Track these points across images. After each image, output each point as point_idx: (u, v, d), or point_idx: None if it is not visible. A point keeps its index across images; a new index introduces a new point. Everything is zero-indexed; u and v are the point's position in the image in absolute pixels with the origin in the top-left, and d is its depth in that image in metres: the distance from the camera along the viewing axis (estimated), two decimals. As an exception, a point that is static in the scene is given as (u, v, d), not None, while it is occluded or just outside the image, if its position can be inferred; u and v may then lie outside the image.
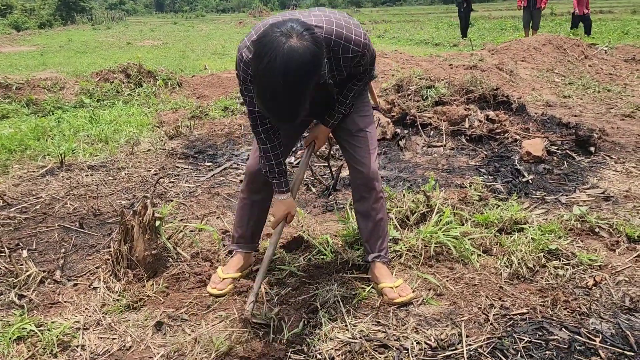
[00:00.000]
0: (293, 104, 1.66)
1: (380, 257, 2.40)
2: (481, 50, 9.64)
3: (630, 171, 3.87)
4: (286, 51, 1.58)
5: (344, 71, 2.04)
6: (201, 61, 11.74)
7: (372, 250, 2.41)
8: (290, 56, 1.57)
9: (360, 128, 2.32)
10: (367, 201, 2.35)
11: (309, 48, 1.61)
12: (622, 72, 8.25)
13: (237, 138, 5.03)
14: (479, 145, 4.56)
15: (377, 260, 2.40)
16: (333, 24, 1.92)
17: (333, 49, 1.94)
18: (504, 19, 24.83)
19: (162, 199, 3.58)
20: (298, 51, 1.58)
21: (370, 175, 2.30)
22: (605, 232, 2.87)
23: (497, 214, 3.00)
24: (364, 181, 2.32)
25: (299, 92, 1.64)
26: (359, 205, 2.39)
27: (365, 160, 2.30)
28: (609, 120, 5.48)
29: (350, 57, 1.98)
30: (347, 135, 2.33)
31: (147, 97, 6.86)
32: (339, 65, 2.01)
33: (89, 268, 2.64)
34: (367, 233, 2.40)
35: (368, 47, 2.03)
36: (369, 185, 2.32)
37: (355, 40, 1.95)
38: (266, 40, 1.62)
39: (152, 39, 21.13)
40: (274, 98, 1.64)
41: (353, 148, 2.32)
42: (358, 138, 2.32)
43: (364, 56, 2.03)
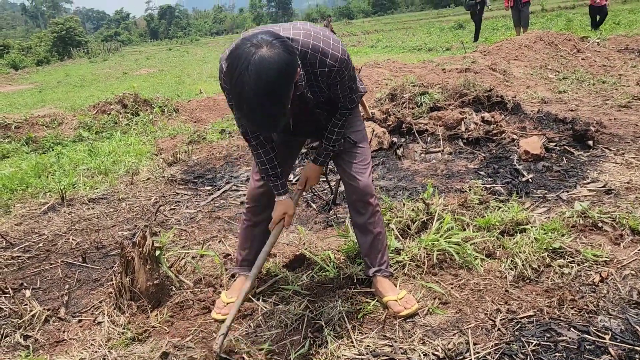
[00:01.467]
0: (269, 112, 1.67)
1: (381, 271, 2.38)
2: (473, 53, 9.66)
3: (630, 162, 3.85)
4: (257, 60, 1.60)
5: (323, 88, 2.03)
6: (197, 85, 11.83)
7: (372, 265, 2.40)
8: (260, 64, 1.59)
9: (353, 144, 2.32)
10: (364, 216, 2.34)
11: (280, 55, 1.62)
12: (615, 63, 8.24)
13: (236, 160, 5.04)
14: (476, 147, 4.55)
15: (378, 275, 2.38)
16: (310, 37, 1.92)
17: (310, 61, 1.92)
18: (495, 19, 24.92)
19: (164, 226, 3.58)
20: (268, 59, 1.60)
21: (366, 190, 2.29)
22: (608, 226, 2.85)
23: (499, 216, 2.98)
24: (359, 196, 2.31)
25: (273, 99, 1.64)
26: (356, 221, 2.39)
27: (359, 175, 2.29)
28: (606, 112, 5.46)
29: (326, 71, 1.95)
30: (340, 152, 2.33)
31: (145, 126, 6.90)
32: (317, 81, 1.98)
33: (93, 303, 2.63)
34: (366, 248, 2.39)
35: (346, 64, 1.98)
36: (365, 200, 2.31)
37: (332, 55, 1.93)
38: (237, 53, 1.64)
39: (148, 67, 21.33)
40: (249, 107, 1.65)
41: (347, 164, 2.32)
42: (351, 154, 2.32)
43: (340, 72, 1.98)
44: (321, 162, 2.33)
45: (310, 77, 1.97)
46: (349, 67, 2.03)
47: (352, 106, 2.21)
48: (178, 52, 34.22)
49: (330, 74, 1.97)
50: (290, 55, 1.66)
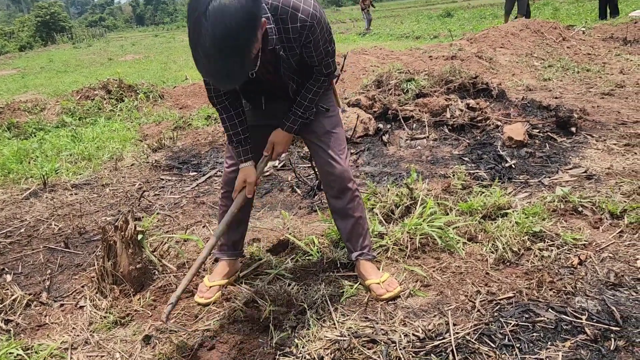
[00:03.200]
0: (226, 64, 1.58)
1: (363, 255, 2.38)
2: (460, 40, 9.68)
3: (612, 148, 3.90)
4: (215, 6, 1.50)
5: (295, 49, 1.96)
6: (183, 72, 11.72)
7: (354, 249, 2.39)
8: (219, 11, 1.50)
9: (327, 130, 2.28)
10: (342, 201, 2.32)
11: (241, 2, 1.52)
12: (600, 52, 8.30)
13: (221, 146, 5.01)
14: (461, 134, 4.57)
15: (361, 258, 2.38)
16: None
17: (281, 16, 1.86)
18: (483, 8, 24.93)
19: (148, 212, 3.57)
20: (229, 5, 1.50)
21: (343, 175, 2.27)
22: (588, 211, 2.89)
23: (481, 200, 3.01)
24: (337, 182, 2.28)
25: (231, 49, 1.54)
26: (334, 206, 2.36)
27: (335, 161, 2.25)
28: (589, 99, 5.51)
29: (298, 27, 1.87)
30: (314, 138, 2.28)
31: (129, 112, 6.83)
32: (289, 39, 1.92)
33: (75, 287, 2.62)
34: (347, 232, 2.37)
35: (318, 20, 1.91)
36: (342, 185, 2.29)
37: (304, 9, 1.86)
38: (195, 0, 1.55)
39: (134, 53, 21.07)
40: (206, 57, 1.56)
41: (322, 150, 2.27)
42: (326, 140, 2.27)
43: (312, 29, 1.91)
44: (288, 128, 2.20)
45: (282, 34, 1.90)
46: (322, 25, 1.95)
47: (328, 71, 2.14)
48: (164, 38, 33.83)
49: (303, 30, 1.89)
50: (253, 2, 1.56)
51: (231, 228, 2.44)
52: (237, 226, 2.48)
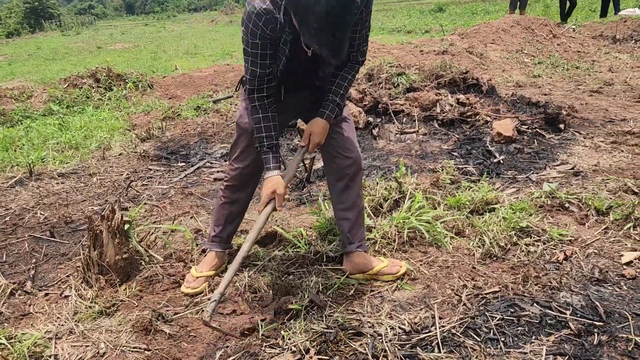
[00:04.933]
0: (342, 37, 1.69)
1: (362, 246, 2.38)
2: (451, 35, 9.68)
3: (599, 145, 3.93)
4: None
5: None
6: (173, 62, 11.61)
7: (353, 241, 2.37)
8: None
9: (344, 117, 2.31)
10: (353, 189, 2.33)
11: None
12: (589, 49, 8.35)
13: (210, 137, 4.98)
14: (450, 129, 4.59)
15: (359, 250, 2.38)
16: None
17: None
18: (475, 3, 24.95)
19: (135, 202, 3.54)
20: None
21: (358, 160, 2.30)
22: (574, 207, 2.91)
23: (469, 195, 3.02)
24: (352, 168, 2.29)
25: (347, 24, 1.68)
26: (343, 195, 2.34)
27: (353, 147, 2.29)
28: (578, 96, 5.55)
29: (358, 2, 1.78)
30: (332, 125, 2.26)
31: (118, 101, 6.76)
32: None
33: (60, 277, 2.60)
34: (352, 223, 2.36)
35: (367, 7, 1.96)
36: (357, 170, 2.30)
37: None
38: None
39: (123, 42, 20.83)
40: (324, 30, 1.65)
41: (340, 137, 2.28)
42: (344, 126, 2.30)
43: (368, 6, 1.97)
44: (327, 116, 2.17)
45: None
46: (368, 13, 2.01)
47: (362, 58, 2.18)
48: (154, 27, 33.48)
49: (361, 5, 1.87)
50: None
51: (228, 222, 2.47)
52: (233, 220, 2.50)
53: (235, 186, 2.41)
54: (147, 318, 2.11)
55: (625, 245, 2.49)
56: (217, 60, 11.38)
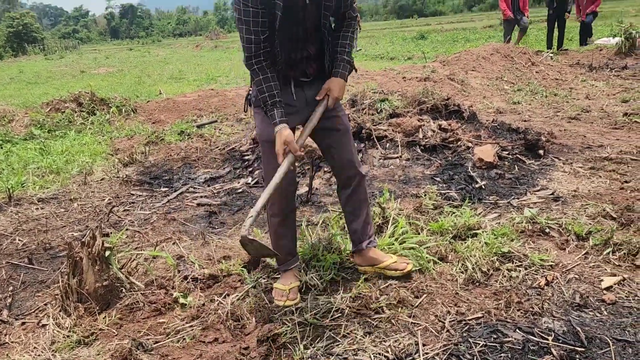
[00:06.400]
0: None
1: (371, 242, 2.58)
2: (433, 63, 9.86)
3: (578, 171, 4.00)
4: None
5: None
6: (157, 86, 11.62)
7: (363, 238, 2.55)
8: None
9: (347, 128, 2.48)
10: (359, 194, 2.52)
11: None
12: (567, 77, 8.56)
13: (194, 162, 4.97)
14: (433, 154, 4.64)
15: (370, 246, 2.57)
16: None
17: None
18: (455, 31, 25.51)
19: (116, 227, 3.50)
20: None
21: (360, 171, 2.50)
22: (555, 232, 2.95)
23: (452, 221, 3.05)
24: (357, 178, 2.49)
25: None
26: (350, 200, 2.53)
27: (355, 158, 2.50)
28: (557, 123, 5.67)
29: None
30: (336, 136, 2.43)
31: (101, 125, 6.73)
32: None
33: (38, 305, 2.54)
34: (359, 224, 2.55)
35: None
36: (362, 180, 2.51)
37: None
38: None
39: (107, 66, 20.82)
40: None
41: (345, 147, 2.45)
42: (348, 136, 2.48)
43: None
44: (341, 74, 2.33)
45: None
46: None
47: (355, 14, 2.34)
48: (139, 52, 33.55)
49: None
50: None
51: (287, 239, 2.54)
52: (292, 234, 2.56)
53: (283, 203, 2.46)
54: (127, 347, 2.07)
55: (605, 270, 2.52)
56: (201, 85, 11.42)
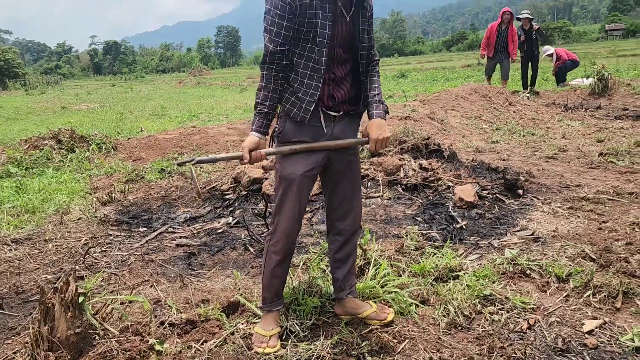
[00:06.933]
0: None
1: (352, 293, 2.56)
2: (413, 102, 10.04)
3: (557, 211, 4.04)
4: None
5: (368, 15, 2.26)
6: (139, 123, 11.60)
7: (345, 287, 2.54)
8: None
9: (360, 175, 2.50)
10: (351, 243, 2.53)
11: None
12: (544, 117, 8.77)
13: (174, 201, 4.92)
14: (414, 193, 4.66)
15: (350, 296, 2.54)
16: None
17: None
18: (435, 70, 26.13)
19: (92, 270, 3.41)
20: None
21: (359, 221, 2.53)
22: (536, 274, 2.95)
23: (433, 262, 3.03)
24: (354, 227, 2.50)
25: None
26: (342, 248, 2.51)
27: (360, 207, 2.51)
28: (535, 162, 5.77)
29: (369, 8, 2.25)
30: (350, 182, 2.44)
31: (80, 163, 6.65)
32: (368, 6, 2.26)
33: (7, 354, 2.43)
34: (344, 273, 2.53)
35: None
36: (357, 230, 2.53)
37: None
38: None
39: (89, 102, 20.79)
40: None
41: (356, 196, 2.48)
42: (360, 186, 2.51)
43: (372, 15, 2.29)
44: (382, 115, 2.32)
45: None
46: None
47: (378, 58, 2.38)
48: (122, 88, 33.63)
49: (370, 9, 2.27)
50: None
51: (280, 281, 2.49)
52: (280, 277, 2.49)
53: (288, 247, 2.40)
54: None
55: (586, 313, 2.52)
56: (183, 122, 11.44)
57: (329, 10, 2.14)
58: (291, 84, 2.24)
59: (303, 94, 2.22)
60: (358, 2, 2.24)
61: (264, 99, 2.20)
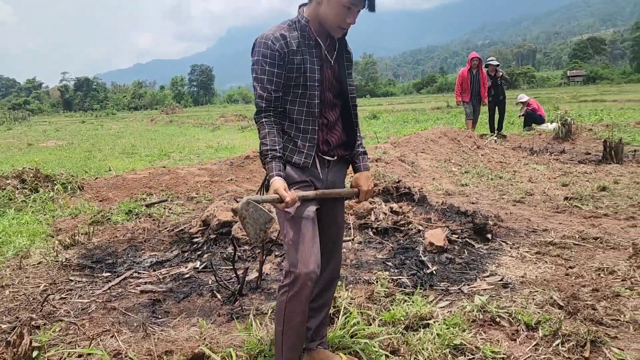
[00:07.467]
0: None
1: (322, 344, 2.51)
2: (385, 144, 10.17)
3: (525, 256, 4.08)
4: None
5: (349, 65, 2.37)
6: (107, 162, 11.42)
7: (315, 338, 2.48)
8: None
9: (344, 222, 2.55)
10: (329, 292, 2.50)
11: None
12: (510, 160, 8.98)
13: (140, 244, 4.79)
14: (385, 237, 4.65)
15: (320, 347, 2.49)
16: None
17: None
18: (406, 112, 26.69)
19: (50, 319, 3.26)
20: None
21: (339, 268, 2.53)
22: (505, 321, 2.94)
23: (404, 310, 3.00)
24: (334, 275, 2.49)
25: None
26: (319, 298, 2.46)
27: (341, 255, 2.53)
28: (503, 206, 5.85)
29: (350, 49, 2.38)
30: (336, 229, 2.45)
31: (44, 204, 6.46)
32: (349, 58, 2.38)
33: (-50, 413, 2.27)
34: (317, 322, 2.48)
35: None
36: (337, 278, 2.52)
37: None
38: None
39: (57, 139, 20.43)
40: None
41: (337, 243, 2.48)
42: (342, 233, 2.53)
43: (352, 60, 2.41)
44: (364, 167, 2.45)
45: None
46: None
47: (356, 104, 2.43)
48: (92, 125, 33.24)
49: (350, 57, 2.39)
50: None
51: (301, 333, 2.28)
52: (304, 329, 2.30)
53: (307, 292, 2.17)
54: None
55: (556, 363, 2.51)
56: (154, 162, 11.31)
57: (315, 55, 2.22)
58: (287, 132, 2.26)
59: (302, 140, 2.25)
60: (340, 46, 2.32)
61: (272, 144, 2.17)
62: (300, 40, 2.20)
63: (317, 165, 2.30)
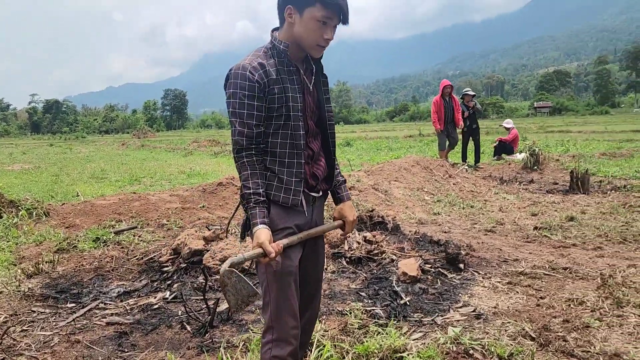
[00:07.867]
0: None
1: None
2: (358, 172, 10.23)
3: (496, 286, 4.11)
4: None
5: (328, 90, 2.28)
6: (75, 186, 11.16)
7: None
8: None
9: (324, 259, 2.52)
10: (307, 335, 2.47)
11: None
12: (481, 189, 9.12)
13: (107, 273, 4.65)
14: (358, 267, 4.63)
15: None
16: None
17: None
18: (379, 140, 27.00)
19: (9, 353, 3.11)
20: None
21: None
22: (478, 354, 2.93)
23: (377, 342, 2.97)
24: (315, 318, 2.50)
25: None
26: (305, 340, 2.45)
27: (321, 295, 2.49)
28: (474, 235, 5.91)
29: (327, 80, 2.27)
30: (317, 268, 2.39)
31: (7, 230, 6.24)
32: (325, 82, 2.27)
33: None
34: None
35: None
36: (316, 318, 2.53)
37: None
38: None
39: (23, 162, 19.93)
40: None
41: (318, 290, 2.43)
42: (322, 271, 2.46)
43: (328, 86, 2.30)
44: (347, 196, 2.42)
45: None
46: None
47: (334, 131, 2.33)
48: (60, 148, 32.60)
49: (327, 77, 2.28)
50: None
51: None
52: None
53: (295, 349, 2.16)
54: None
55: (529, 397, 2.50)
56: (124, 187, 11.10)
57: (296, 82, 2.10)
58: (269, 168, 2.10)
59: (288, 175, 2.09)
60: (317, 71, 2.22)
61: (255, 187, 2.03)
62: (279, 68, 2.06)
63: (303, 204, 2.15)
